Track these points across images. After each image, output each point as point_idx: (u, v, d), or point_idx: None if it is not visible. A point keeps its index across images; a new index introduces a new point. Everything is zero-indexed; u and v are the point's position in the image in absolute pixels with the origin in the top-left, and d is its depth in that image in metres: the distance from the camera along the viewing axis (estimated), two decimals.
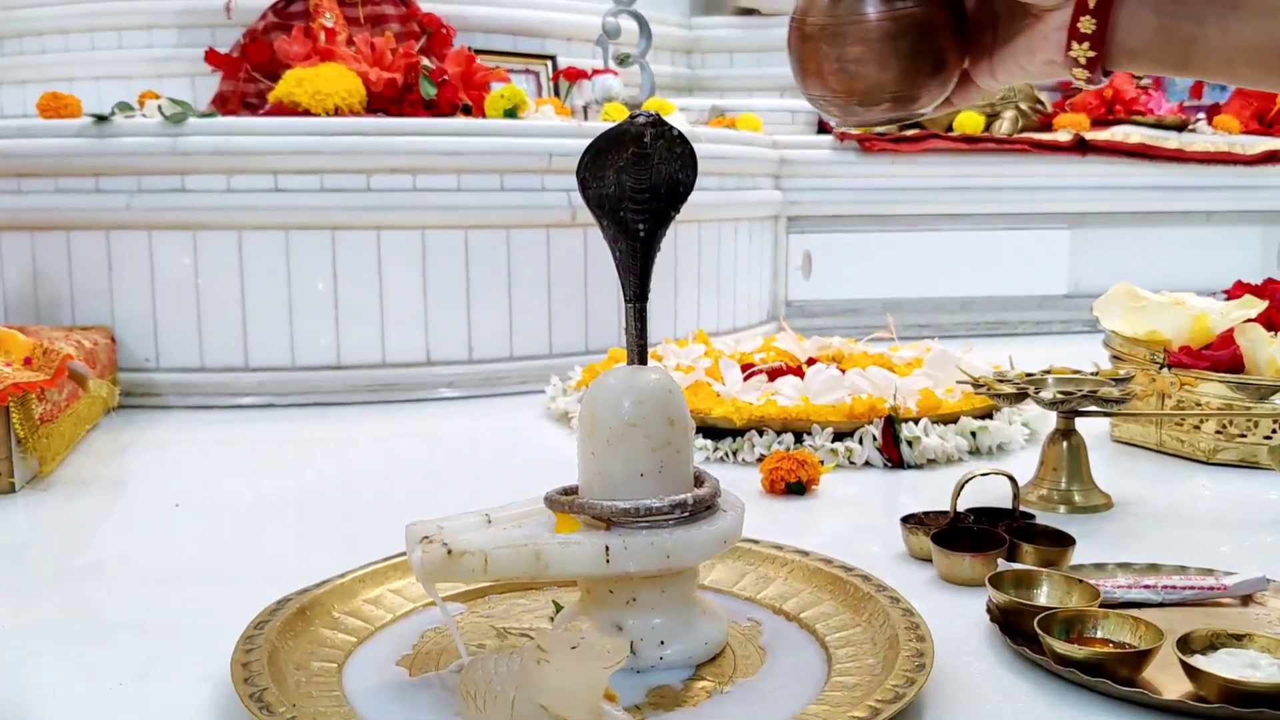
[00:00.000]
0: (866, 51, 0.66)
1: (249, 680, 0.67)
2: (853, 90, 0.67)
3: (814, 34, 0.67)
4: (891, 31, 0.65)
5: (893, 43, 0.66)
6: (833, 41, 0.66)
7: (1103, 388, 1.11)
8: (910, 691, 0.65)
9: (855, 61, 0.66)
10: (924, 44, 0.66)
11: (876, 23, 0.65)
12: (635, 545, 0.70)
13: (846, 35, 0.66)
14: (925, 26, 0.66)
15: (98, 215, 1.71)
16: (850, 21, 0.66)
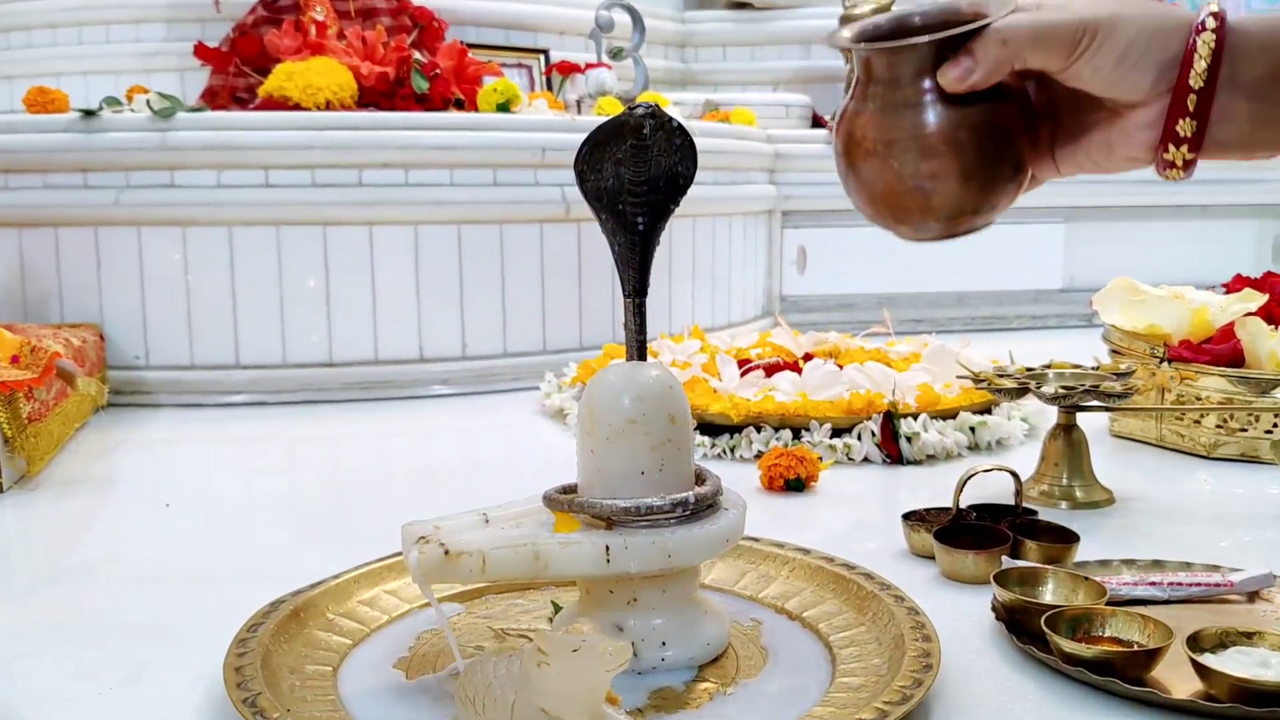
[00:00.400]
0: (944, 165, 0.59)
1: (242, 684, 0.65)
2: (929, 208, 0.61)
3: (876, 150, 0.61)
4: (970, 139, 0.59)
5: (973, 151, 0.59)
6: (902, 158, 0.60)
7: (1104, 382, 1.10)
8: (918, 693, 0.63)
9: (931, 177, 0.60)
10: (1005, 147, 0.60)
11: (952, 131, 0.59)
12: (636, 545, 0.69)
13: (917, 149, 0.59)
14: (1003, 127, 0.60)
15: (86, 211, 1.69)
16: (920, 133, 0.59)
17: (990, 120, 0.60)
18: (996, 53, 0.57)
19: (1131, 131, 0.59)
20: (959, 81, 0.58)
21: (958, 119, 0.59)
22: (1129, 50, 0.56)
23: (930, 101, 0.59)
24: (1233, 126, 0.56)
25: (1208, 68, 0.55)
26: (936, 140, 0.59)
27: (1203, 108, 0.56)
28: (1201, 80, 0.56)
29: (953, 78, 0.58)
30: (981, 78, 0.58)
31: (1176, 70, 0.56)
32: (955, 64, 0.58)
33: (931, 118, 0.59)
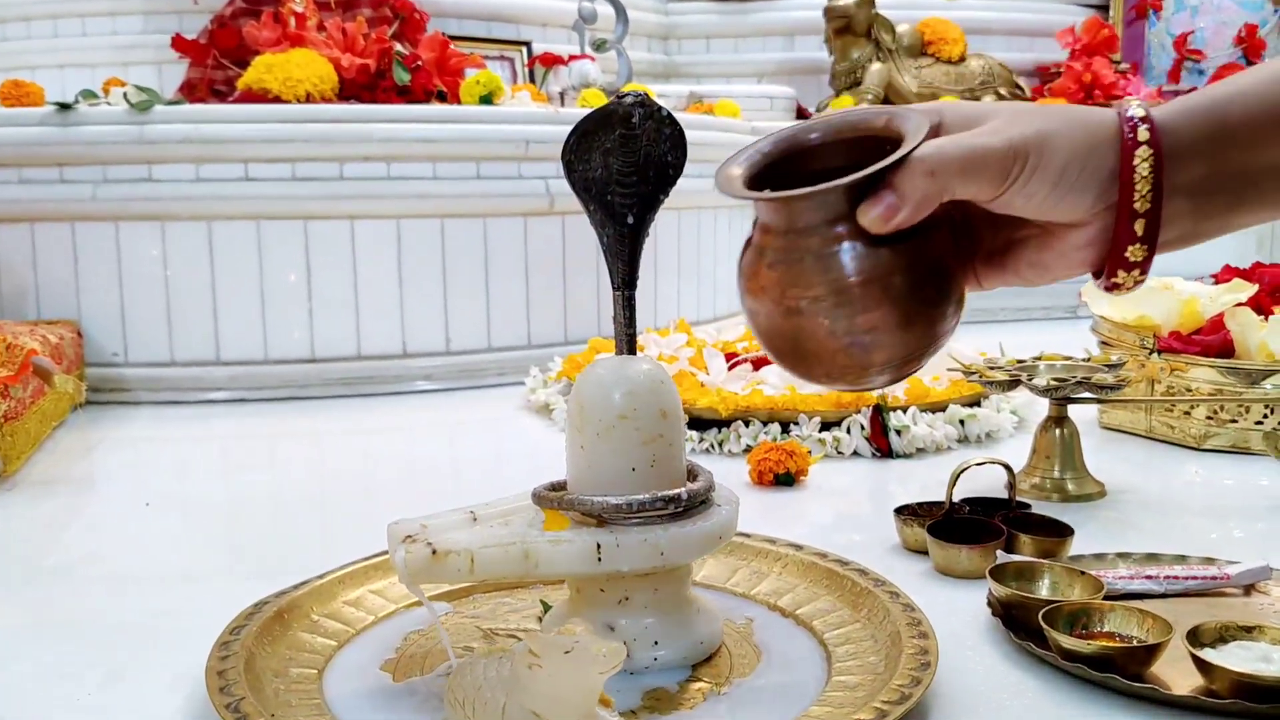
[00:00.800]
0: (880, 317, 0.51)
1: (225, 689, 0.64)
2: (868, 364, 0.53)
3: (798, 308, 0.52)
4: (905, 283, 0.51)
5: (911, 295, 0.52)
6: (832, 315, 0.52)
7: (1097, 374, 1.09)
8: (917, 691, 0.62)
9: (868, 332, 0.52)
10: (945, 282, 0.53)
11: (884, 277, 0.51)
12: (628, 543, 0.67)
13: (848, 302, 0.51)
14: (940, 261, 0.53)
15: (62, 206, 1.66)
16: (847, 285, 0.51)
17: (925, 257, 0.52)
18: (924, 186, 0.49)
19: (1068, 252, 0.54)
20: (884, 223, 0.50)
21: (888, 262, 0.51)
22: (1065, 173, 0.51)
23: (852, 246, 0.51)
24: (1176, 228, 0.52)
25: (1151, 188, 0.51)
26: (868, 291, 0.51)
27: (1151, 230, 0.51)
28: (1147, 203, 0.51)
29: (876, 219, 0.50)
30: (908, 217, 0.50)
31: (1114, 187, 0.51)
32: (876, 202, 0.50)
33: (858, 265, 0.51)
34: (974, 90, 2.59)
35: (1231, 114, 0.52)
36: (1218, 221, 0.54)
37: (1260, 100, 0.52)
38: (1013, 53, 2.85)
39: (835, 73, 2.62)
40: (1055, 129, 0.52)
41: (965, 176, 0.51)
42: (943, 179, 0.50)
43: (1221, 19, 2.92)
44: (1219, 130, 0.52)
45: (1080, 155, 0.51)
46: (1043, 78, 2.85)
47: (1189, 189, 0.52)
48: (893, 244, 0.51)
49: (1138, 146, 0.51)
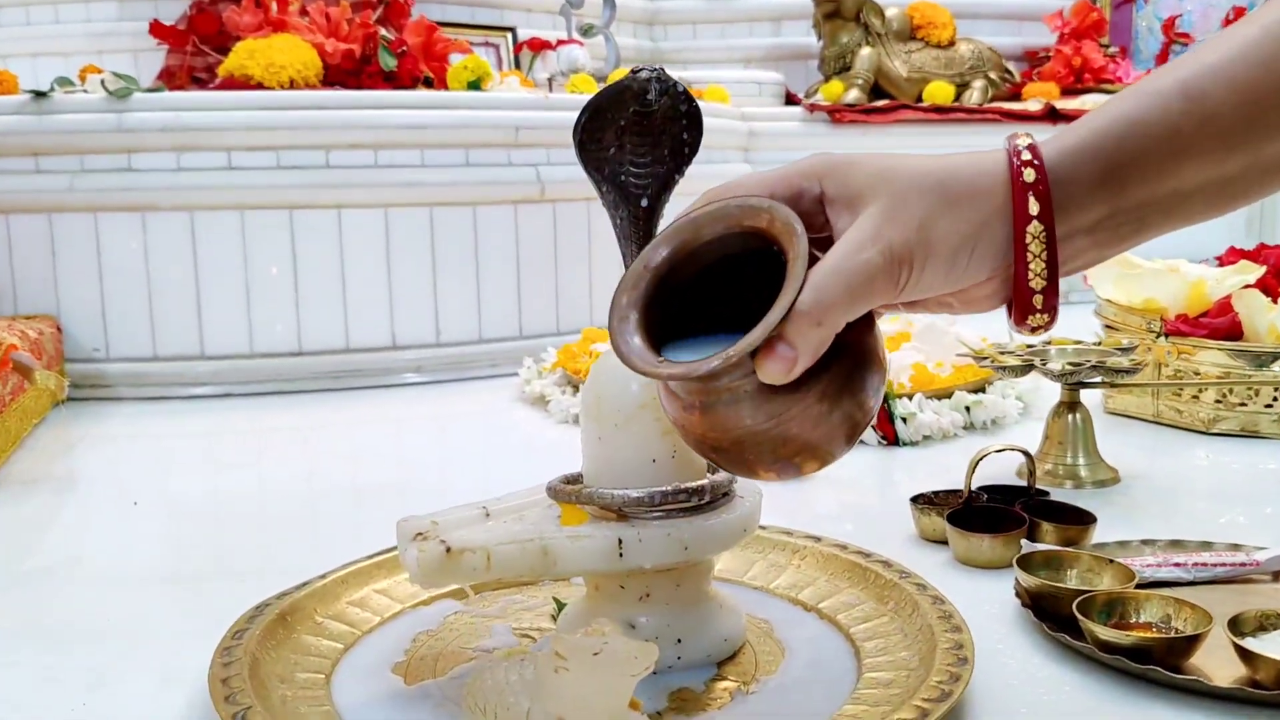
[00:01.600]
0: (805, 444, 0.50)
1: (230, 698, 0.60)
2: (804, 471, 0.53)
3: (722, 447, 0.52)
4: (827, 406, 0.50)
5: (834, 415, 0.50)
6: (757, 453, 0.51)
7: (1110, 358, 1.07)
8: (957, 688, 0.60)
9: (796, 455, 0.51)
10: (866, 375, 0.51)
11: (802, 412, 0.49)
12: (650, 537, 0.64)
13: (769, 442, 0.50)
14: (858, 370, 0.50)
15: (38, 197, 1.62)
16: (764, 428, 0.50)
17: (841, 374, 0.50)
18: (815, 335, 0.47)
19: (974, 301, 0.52)
20: (785, 375, 0.47)
21: (804, 395, 0.49)
22: (955, 263, 0.49)
23: (760, 391, 0.49)
24: (1079, 261, 0.51)
25: (1046, 265, 0.49)
26: (788, 428, 0.50)
27: (1050, 299, 0.49)
28: (1043, 280, 0.49)
29: (776, 374, 0.48)
30: (807, 364, 0.48)
31: (1009, 255, 0.49)
32: (772, 357, 0.47)
33: (772, 408, 0.49)
34: (963, 75, 2.57)
35: (1126, 150, 0.49)
36: (1123, 246, 0.52)
37: (1157, 127, 0.49)
38: (1002, 37, 2.83)
39: (824, 58, 2.59)
40: (937, 217, 0.48)
41: (854, 306, 0.48)
42: (832, 321, 0.48)
43: (1209, 1, 2.91)
44: (1115, 172, 0.49)
45: (969, 240, 0.49)
46: (1031, 62, 2.83)
47: (1089, 228, 0.50)
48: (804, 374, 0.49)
49: (1029, 221, 0.48)
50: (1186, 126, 0.48)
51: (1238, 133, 0.48)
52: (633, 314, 0.51)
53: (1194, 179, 0.49)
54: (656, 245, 0.52)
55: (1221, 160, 0.49)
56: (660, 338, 0.52)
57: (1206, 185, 0.50)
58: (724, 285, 0.53)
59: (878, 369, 0.52)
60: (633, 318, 0.51)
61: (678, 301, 0.53)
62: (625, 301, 0.52)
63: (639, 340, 0.51)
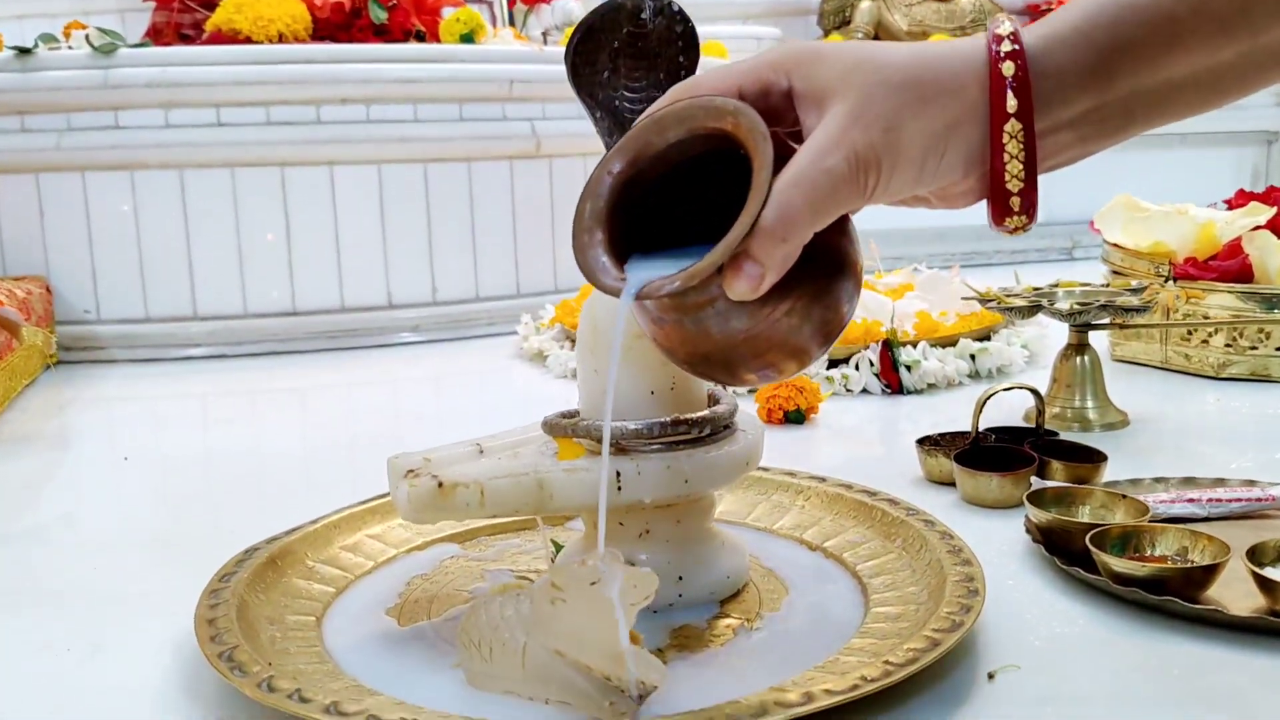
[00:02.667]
0: (777, 355, 0.49)
1: (216, 638, 0.58)
2: (780, 376, 0.52)
3: (693, 360, 0.51)
4: (797, 320, 0.48)
5: (805, 324, 0.49)
6: (727, 366, 0.50)
7: (1120, 297, 1.05)
8: (969, 619, 0.58)
9: (769, 366, 0.50)
10: (839, 281, 0.49)
11: (770, 326, 0.48)
12: (649, 470, 0.62)
13: (740, 356, 0.49)
14: (830, 266, 0.49)
15: (25, 157, 1.59)
16: (735, 342, 0.49)
17: (812, 283, 0.48)
18: (781, 251, 0.45)
19: (951, 199, 0.50)
20: (753, 292, 0.46)
21: (775, 308, 0.48)
22: (924, 165, 0.46)
23: (728, 303, 0.47)
24: (1062, 158, 0.48)
25: (1024, 166, 0.46)
26: (759, 341, 0.49)
27: (1028, 199, 0.47)
28: (1020, 182, 0.47)
29: (743, 292, 0.46)
30: (775, 279, 0.46)
31: (984, 157, 0.47)
32: (739, 274, 0.45)
33: (742, 322, 0.48)
34: (965, 28, 2.53)
35: (1118, 37, 0.46)
36: (1108, 142, 0.49)
37: (1151, 12, 0.45)
38: None
39: (823, 11, 2.55)
40: (907, 117, 0.45)
41: (819, 218, 0.46)
42: (797, 236, 0.45)
43: None
44: (1104, 61, 0.46)
45: (940, 141, 0.46)
46: (1033, 15, 2.78)
47: (1073, 122, 0.47)
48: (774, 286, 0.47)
49: (1007, 120, 0.45)
50: (1182, 11, 0.45)
51: (1235, 19, 0.45)
52: (596, 226, 0.49)
53: (1186, 68, 0.46)
54: (619, 150, 0.50)
55: (1216, 49, 0.46)
56: (626, 247, 0.50)
57: (1199, 76, 0.47)
58: (691, 187, 0.51)
59: (851, 274, 0.50)
60: (596, 230, 0.49)
61: (643, 207, 0.50)
62: (588, 211, 0.49)
63: (602, 253, 0.49)
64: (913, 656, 0.53)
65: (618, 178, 0.49)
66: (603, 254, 0.49)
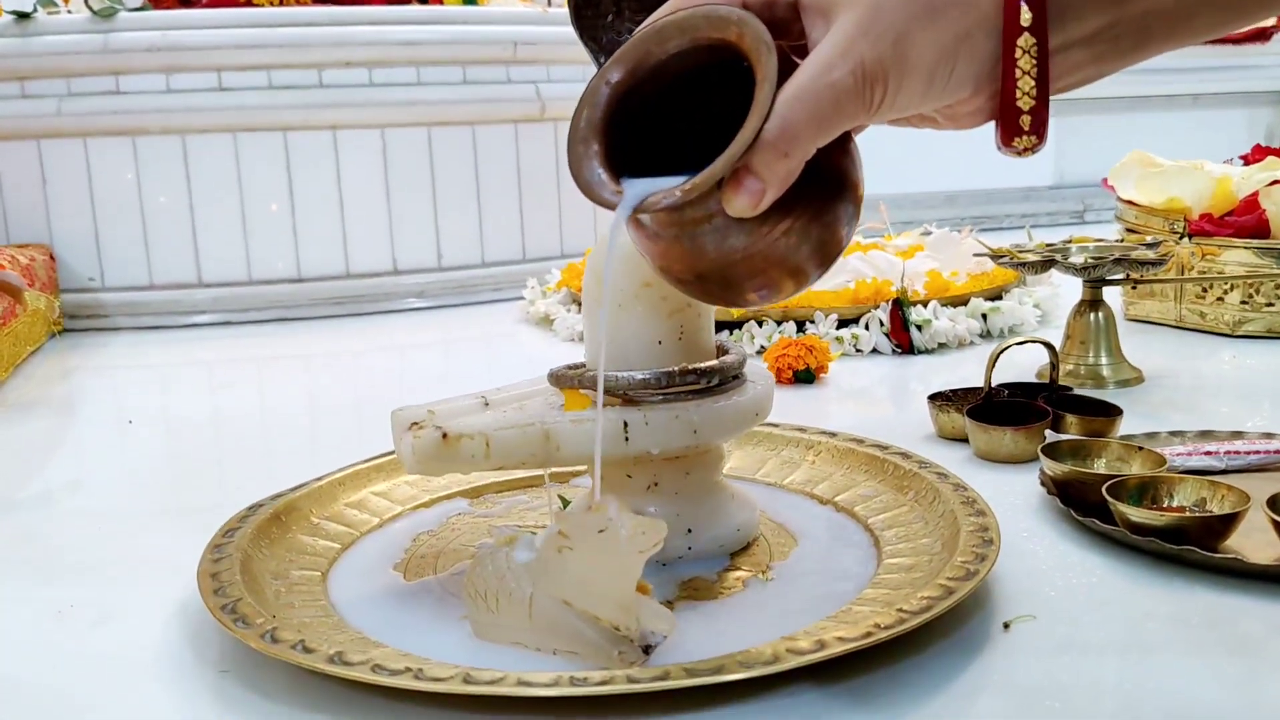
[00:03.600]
0: (772, 276, 0.48)
1: (219, 591, 0.58)
2: (775, 298, 0.50)
3: (687, 280, 0.50)
4: (796, 240, 0.47)
5: (803, 246, 0.48)
6: (723, 285, 0.49)
7: (1134, 251, 1.03)
8: (984, 567, 0.56)
9: (765, 288, 0.49)
10: (839, 200, 0.48)
11: (768, 246, 0.47)
12: (658, 420, 0.61)
13: (736, 275, 0.48)
14: (830, 184, 0.47)
15: (26, 123, 1.57)
16: (733, 260, 0.47)
17: (812, 202, 0.47)
18: (782, 166, 0.44)
19: (958, 118, 0.48)
20: (753, 208, 0.45)
21: (773, 227, 0.46)
22: (933, 81, 0.45)
23: (726, 220, 0.46)
24: (1075, 77, 0.46)
25: (1035, 83, 0.44)
26: (755, 260, 0.47)
27: (1038, 121, 0.45)
28: (1031, 99, 0.45)
29: (743, 208, 0.45)
30: (775, 195, 0.45)
31: (994, 74, 0.45)
32: (739, 189, 0.44)
33: (738, 240, 0.47)
34: None
35: None
36: (1122, 63, 0.47)
37: None
38: None
39: None
40: (916, 28, 0.44)
41: (823, 133, 0.44)
42: (800, 151, 0.44)
43: None
44: None
45: (950, 54, 0.44)
46: None
47: (1087, 39, 0.45)
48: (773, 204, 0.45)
49: (1020, 34, 0.44)
50: None
51: None
52: (592, 137, 0.48)
53: None
54: (617, 59, 0.48)
55: None
56: (621, 163, 0.48)
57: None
58: (691, 100, 0.49)
59: (851, 195, 0.49)
60: (592, 141, 0.48)
61: (641, 120, 0.49)
62: (584, 121, 0.48)
63: (599, 166, 0.47)
64: (927, 604, 0.52)
65: (615, 88, 0.48)
66: (599, 167, 0.47)
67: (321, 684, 0.52)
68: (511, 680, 0.47)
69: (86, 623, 0.63)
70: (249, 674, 0.54)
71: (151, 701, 0.53)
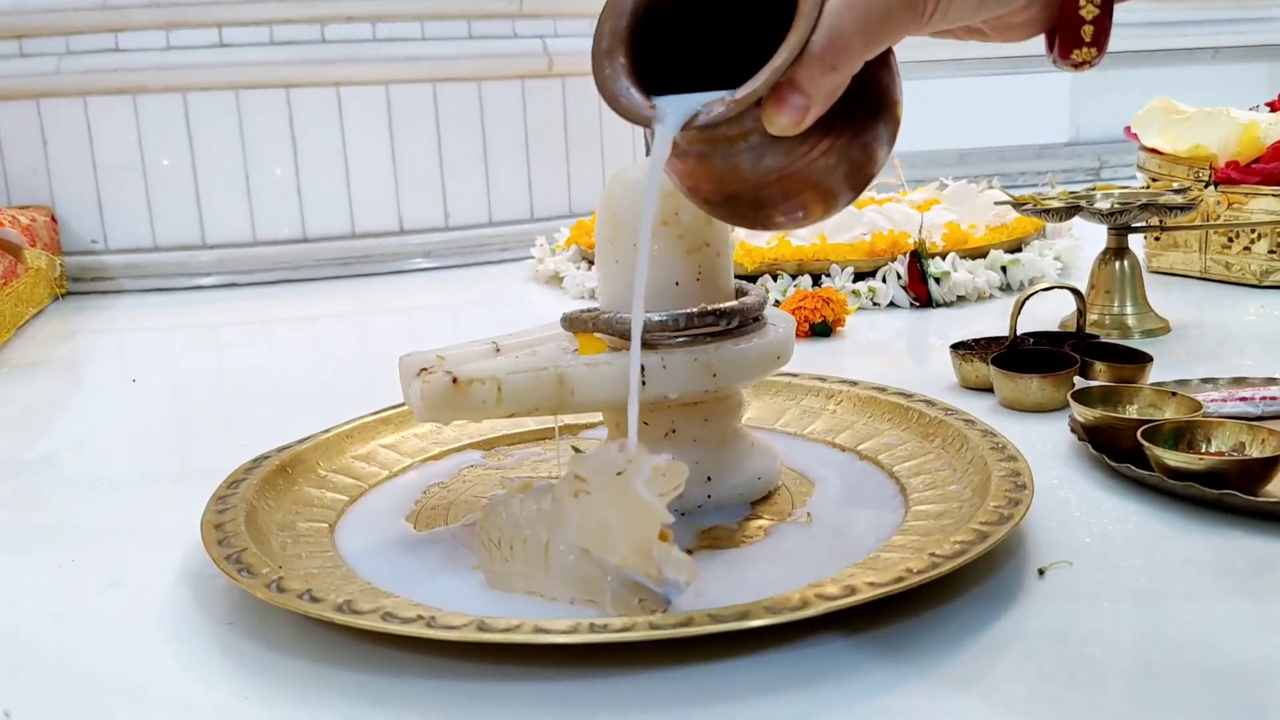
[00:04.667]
0: (808, 199, 0.46)
1: (224, 542, 0.56)
2: (807, 221, 0.48)
3: (715, 200, 0.47)
4: (833, 160, 0.45)
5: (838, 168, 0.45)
6: (755, 207, 0.46)
7: (1162, 197, 1.00)
8: (1018, 512, 0.54)
9: (798, 210, 0.46)
10: (877, 121, 0.45)
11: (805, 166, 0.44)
12: (676, 364, 0.59)
13: (770, 196, 0.46)
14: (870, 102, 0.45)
15: (25, 82, 1.54)
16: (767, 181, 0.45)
17: (852, 121, 0.44)
18: (829, 81, 0.41)
19: (1010, 29, 0.46)
20: (795, 126, 0.42)
21: (811, 147, 0.44)
22: None
23: (763, 140, 0.44)
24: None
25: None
26: (790, 182, 0.45)
27: (1101, 29, 0.43)
28: (1095, 8, 0.43)
29: (787, 125, 0.42)
30: (819, 113, 0.42)
31: None
32: (782, 106, 0.42)
33: (774, 160, 0.44)
34: None
35: None
36: None
37: None
38: None
39: None
40: None
41: (872, 46, 0.42)
42: (848, 65, 0.41)
43: None
44: None
45: None
46: None
47: None
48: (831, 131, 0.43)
49: None
50: None
51: None
52: (618, 48, 0.45)
53: None
54: None
55: None
56: (649, 80, 0.45)
57: None
58: (722, 16, 0.46)
59: (891, 115, 0.46)
60: (618, 54, 0.45)
61: (669, 37, 0.46)
62: (608, 34, 0.45)
63: (627, 80, 0.44)
64: (960, 549, 0.50)
65: (639, 4, 0.45)
66: (627, 80, 0.44)
67: (330, 635, 0.50)
68: (528, 628, 0.45)
69: (94, 585, 0.61)
70: (255, 627, 0.52)
71: (156, 656, 0.51)
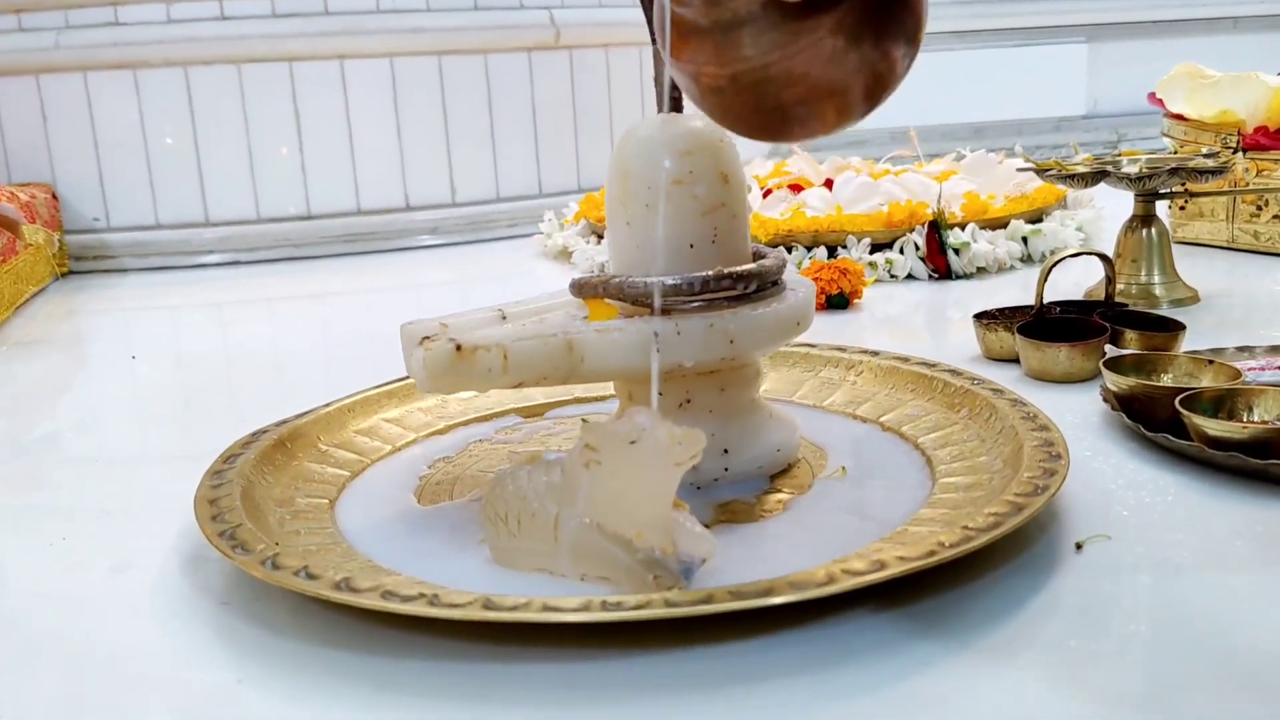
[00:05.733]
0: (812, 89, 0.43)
1: (218, 518, 0.53)
2: (816, 129, 0.46)
3: (720, 86, 0.45)
4: (843, 44, 0.43)
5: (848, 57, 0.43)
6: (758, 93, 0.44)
7: (1192, 161, 0.97)
8: (1054, 483, 0.51)
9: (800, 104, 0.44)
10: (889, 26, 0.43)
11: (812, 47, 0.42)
12: (690, 330, 0.56)
13: (793, 75, 0.43)
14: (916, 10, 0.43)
15: (23, 57, 1.52)
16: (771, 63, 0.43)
17: (863, 6, 0.42)
18: None
19: None
20: None
21: (817, 25, 0.41)
22: None
23: (766, 10, 0.41)
24: None
25: None
26: (794, 63, 0.42)
27: None
28: None
29: None
30: None
31: None
32: None
33: (778, 36, 0.41)
34: None
35: None
36: None
37: None
38: None
39: None
40: None
41: None
42: None
43: None
44: None
45: None
46: None
47: None
48: None
49: None
50: None
51: None
52: None
53: None
54: None
55: None
56: None
57: None
58: None
59: (911, 14, 0.43)
60: None
61: None
62: None
63: None
64: (995, 521, 0.47)
65: None
66: None
67: (328, 614, 0.48)
68: (536, 606, 0.43)
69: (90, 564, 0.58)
70: (250, 606, 0.50)
71: (147, 636, 0.49)
